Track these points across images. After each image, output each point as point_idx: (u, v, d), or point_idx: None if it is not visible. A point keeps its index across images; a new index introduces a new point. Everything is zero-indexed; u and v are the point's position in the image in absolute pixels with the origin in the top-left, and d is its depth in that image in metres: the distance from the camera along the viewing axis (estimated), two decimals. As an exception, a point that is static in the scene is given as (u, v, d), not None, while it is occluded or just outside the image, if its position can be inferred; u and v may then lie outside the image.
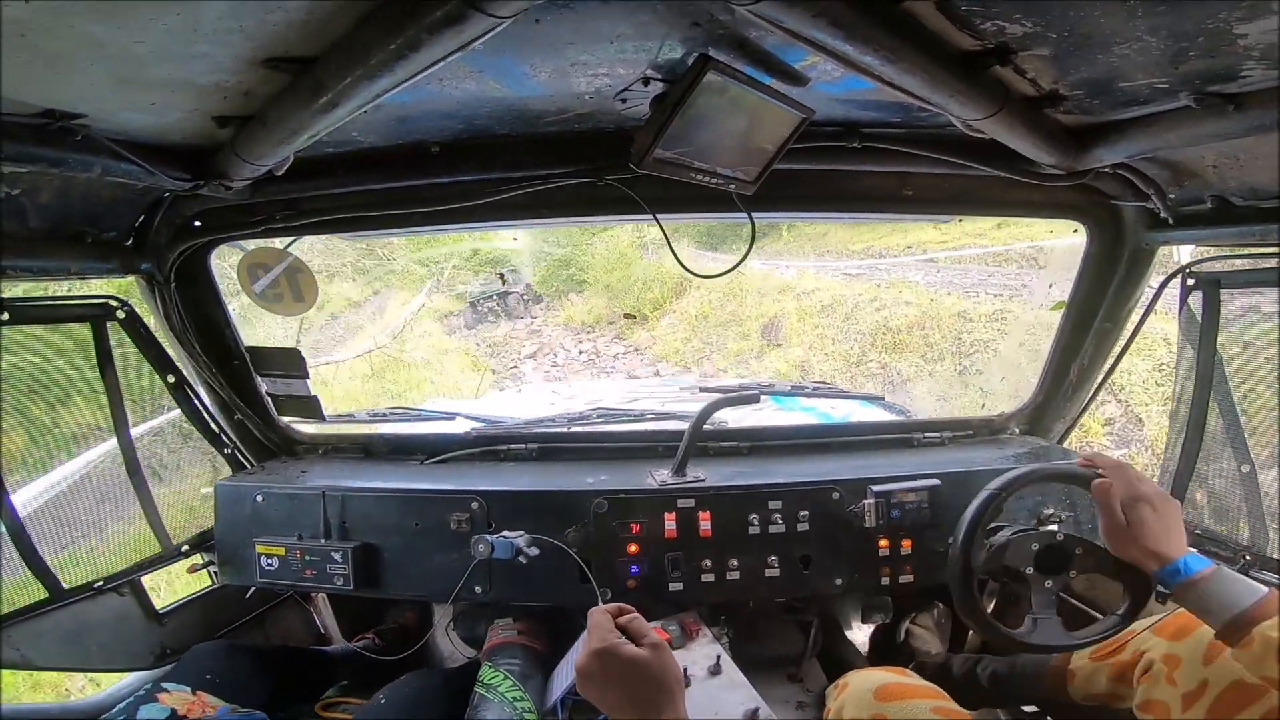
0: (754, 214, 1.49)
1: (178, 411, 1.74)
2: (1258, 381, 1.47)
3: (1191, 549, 1.13)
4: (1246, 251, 1.41)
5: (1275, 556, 1.41)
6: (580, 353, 11.79)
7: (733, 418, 2.11)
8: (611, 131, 1.32)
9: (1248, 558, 1.44)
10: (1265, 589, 1.03)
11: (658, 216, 1.51)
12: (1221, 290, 1.49)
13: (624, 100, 1.15)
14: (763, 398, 1.99)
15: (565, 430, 1.99)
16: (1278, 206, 1.23)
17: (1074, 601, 1.71)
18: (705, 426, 1.67)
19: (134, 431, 1.60)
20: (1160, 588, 1.13)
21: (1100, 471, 1.21)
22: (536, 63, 1.01)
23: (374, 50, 0.78)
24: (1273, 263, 1.37)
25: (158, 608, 1.67)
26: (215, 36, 0.79)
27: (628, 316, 12.19)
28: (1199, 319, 1.53)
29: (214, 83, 0.93)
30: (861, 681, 1.28)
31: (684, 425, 1.69)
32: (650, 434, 1.93)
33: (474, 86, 1.09)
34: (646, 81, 1.06)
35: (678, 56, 0.98)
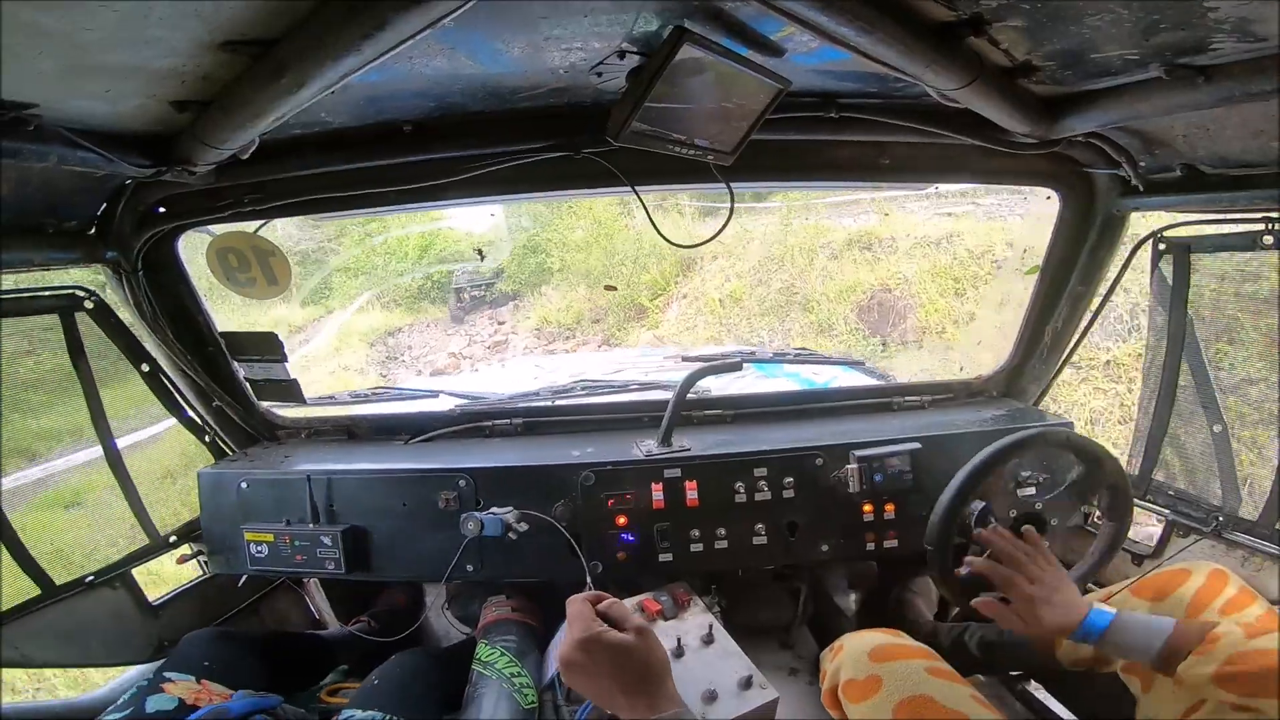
0: (733, 184, 1.48)
1: (155, 401, 1.71)
2: (1226, 343, 1.49)
3: (1096, 604, 1.17)
4: (1215, 217, 1.43)
5: (1247, 517, 1.44)
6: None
7: (716, 386, 2.11)
8: (588, 105, 1.29)
9: (1220, 519, 1.47)
10: (1170, 620, 1.11)
11: (636, 189, 1.49)
12: (1191, 255, 1.50)
13: (599, 74, 1.13)
14: (745, 365, 2.00)
15: (549, 404, 1.99)
16: (1245, 174, 1.25)
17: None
18: (689, 395, 1.68)
19: (112, 423, 1.57)
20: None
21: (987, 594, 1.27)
22: (508, 38, 0.98)
23: (338, 29, 0.75)
24: (1240, 228, 1.38)
25: (151, 600, 1.66)
26: (168, 20, 0.75)
27: (609, 289, 10.11)
28: (1170, 283, 1.55)
29: (169, 68, 0.89)
30: (856, 643, 1.29)
31: (667, 395, 1.69)
32: (634, 405, 1.94)
33: (445, 64, 1.06)
34: (622, 55, 1.03)
35: (653, 29, 0.96)
